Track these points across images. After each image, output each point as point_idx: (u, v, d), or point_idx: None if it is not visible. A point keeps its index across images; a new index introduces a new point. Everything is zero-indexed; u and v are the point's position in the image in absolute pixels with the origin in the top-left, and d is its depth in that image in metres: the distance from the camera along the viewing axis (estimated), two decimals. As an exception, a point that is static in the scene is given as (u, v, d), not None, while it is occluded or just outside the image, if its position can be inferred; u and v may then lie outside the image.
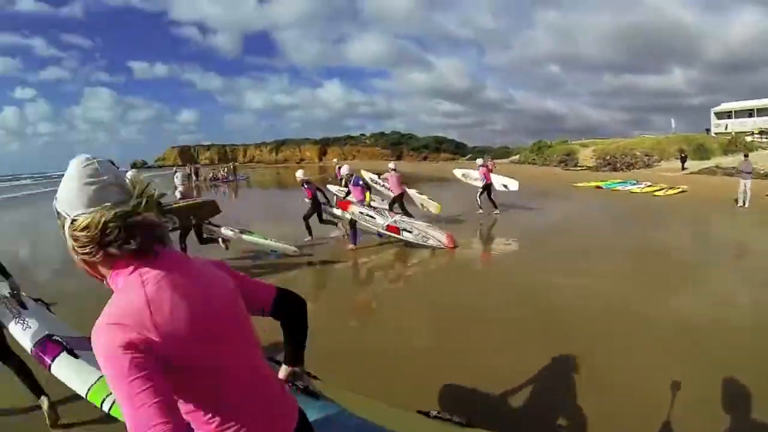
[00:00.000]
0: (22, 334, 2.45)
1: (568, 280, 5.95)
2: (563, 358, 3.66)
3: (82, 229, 0.91)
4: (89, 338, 0.86)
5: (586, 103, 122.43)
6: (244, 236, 8.18)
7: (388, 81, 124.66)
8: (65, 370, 2.09)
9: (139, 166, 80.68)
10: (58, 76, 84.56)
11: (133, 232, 0.92)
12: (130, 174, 4.25)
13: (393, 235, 8.71)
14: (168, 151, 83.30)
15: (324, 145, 73.55)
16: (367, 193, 8.95)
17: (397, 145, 67.69)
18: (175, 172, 36.23)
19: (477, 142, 71.38)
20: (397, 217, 9.03)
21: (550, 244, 8.77)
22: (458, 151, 64.37)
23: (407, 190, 11.17)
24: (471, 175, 13.84)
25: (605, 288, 5.57)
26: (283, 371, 1.43)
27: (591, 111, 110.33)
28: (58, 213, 0.96)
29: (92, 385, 1.82)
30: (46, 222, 11.12)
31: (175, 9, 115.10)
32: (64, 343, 2.28)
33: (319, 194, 9.29)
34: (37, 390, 2.81)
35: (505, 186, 13.53)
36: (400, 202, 10.21)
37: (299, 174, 9.57)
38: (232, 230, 8.24)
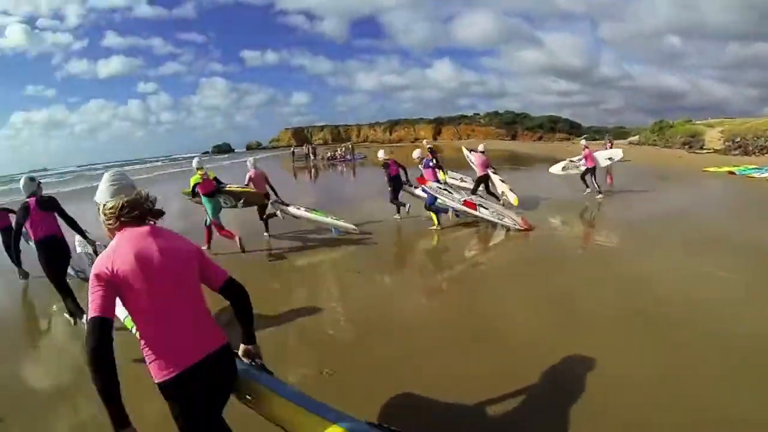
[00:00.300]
0: None
1: (689, 281, 5.18)
2: (680, 365, 3.32)
3: (109, 209, 1.76)
4: None
5: (710, 77, 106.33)
6: (311, 215, 9.10)
7: (497, 59, 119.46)
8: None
9: (254, 147, 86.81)
10: (176, 70, 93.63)
11: (136, 208, 1.76)
12: (195, 162, 7.84)
13: (469, 210, 8.86)
14: (282, 132, 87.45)
15: (438, 125, 72.75)
16: (440, 172, 9.54)
17: (512, 124, 65.30)
18: (293, 151, 38.16)
19: (591, 122, 68.02)
20: (473, 196, 9.37)
21: (671, 233, 7.62)
22: (573, 130, 60.75)
23: (492, 174, 10.87)
24: (570, 166, 13.29)
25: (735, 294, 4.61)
26: (241, 349, 2.07)
27: (715, 86, 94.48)
28: (96, 203, 1.85)
29: (127, 315, 2.07)
30: (170, 199, 12.43)
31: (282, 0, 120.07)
32: None
33: (401, 173, 9.72)
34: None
35: (610, 158, 13.01)
36: (484, 184, 10.57)
37: (380, 154, 10.15)
38: (299, 208, 9.18)
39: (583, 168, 11.96)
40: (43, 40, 74.77)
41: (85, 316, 2.30)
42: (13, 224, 5.24)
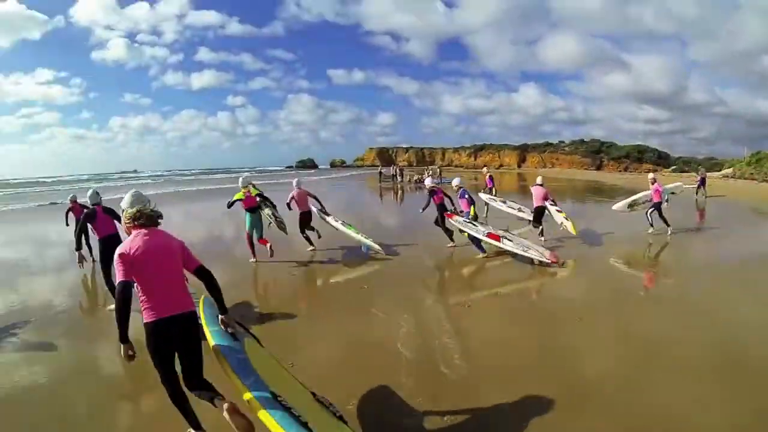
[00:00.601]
0: None
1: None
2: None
3: (129, 215, 3.01)
4: None
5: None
6: (345, 229, 10.26)
7: (582, 84, 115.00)
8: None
9: (338, 164, 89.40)
10: (265, 85, 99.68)
11: (143, 217, 2.99)
12: (240, 180, 9.14)
13: (493, 242, 9.09)
14: (367, 151, 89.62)
15: (523, 151, 71.60)
16: (472, 207, 9.71)
17: (597, 153, 62.89)
18: (380, 171, 39.94)
19: (680, 152, 63.06)
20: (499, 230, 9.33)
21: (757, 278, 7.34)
22: (660, 161, 57.32)
23: (549, 206, 11.09)
24: (639, 200, 13.00)
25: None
26: (219, 319, 3.30)
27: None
28: (122, 209, 3.23)
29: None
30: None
31: (368, 21, 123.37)
32: None
33: (447, 202, 9.89)
34: None
35: (673, 193, 12.83)
36: (537, 214, 10.83)
37: (428, 182, 10.77)
38: (336, 221, 10.51)
39: (651, 203, 11.57)
40: (142, 54, 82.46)
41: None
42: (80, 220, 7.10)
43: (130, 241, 2.99)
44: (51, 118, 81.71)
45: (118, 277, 2.91)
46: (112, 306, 4.61)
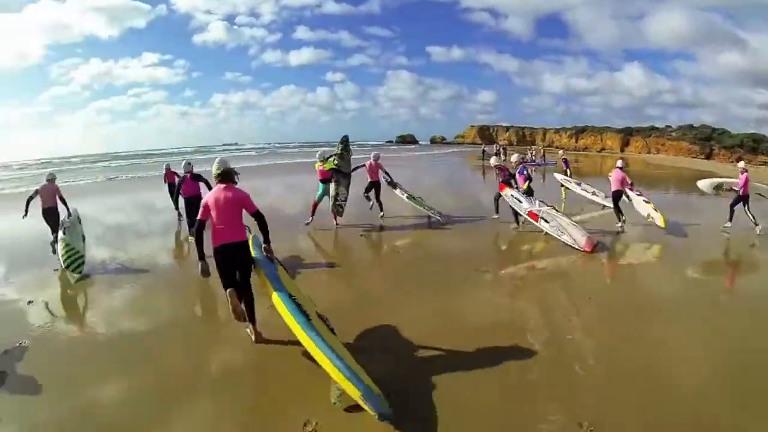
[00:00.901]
0: None
1: None
2: None
3: (214, 174, 4.89)
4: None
5: None
6: (409, 200, 12.15)
7: (692, 64, 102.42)
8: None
9: (438, 141, 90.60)
10: (363, 62, 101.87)
11: (221, 175, 4.87)
12: (317, 154, 11.45)
13: (531, 221, 9.76)
14: (468, 129, 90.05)
15: (626, 135, 68.12)
16: (527, 182, 10.25)
17: (707, 140, 57.49)
18: (484, 149, 41.21)
19: None
20: (544, 207, 9.74)
21: None
22: None
23: (634, 195, 11.42)
24: (725, 187, 12.32)
25: None
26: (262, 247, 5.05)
27: None
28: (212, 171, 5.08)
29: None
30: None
31: None
32: None
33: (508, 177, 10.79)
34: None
35: (761, 195, 11.71)
36: (615, 199, 10.87)
37: (493, 161, 12.21)
38: (402, 193, 12.32)
39: (736, 193, 10.67)
40: (241, 35, 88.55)
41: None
42: (176, 182, 10.67)
43: (212, 193, 4.80)
44: (157, 96, 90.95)
45: (199, 216, 4.76)
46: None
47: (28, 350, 5.30)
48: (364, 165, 11.86)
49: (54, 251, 9.06)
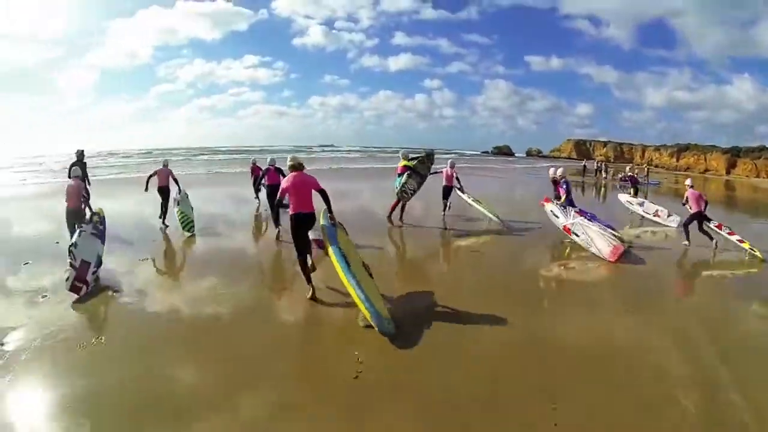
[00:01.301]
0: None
1: None
2: None
3: (288, 165, 6.77)
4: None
5: None
6: (476, 204, 13.53)
7: None
8: None
9: (534, 153, 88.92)
10: (461, 70, 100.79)
11: (294, 167, 6.64)
12: (400, 153, 13.04)
13: (566, 234, 10.41)
14: (564, 143, 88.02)
15: (733, 155, 61.46)
16: (563, 196, 10.86)
17: None
18: (584, 165, 39.23)
19: None
20: (577, 220, 10.22)
21: None
22: None
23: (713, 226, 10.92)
24: None
25: None
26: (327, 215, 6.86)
27: None
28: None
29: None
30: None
31: (566, 3, 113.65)
32: None
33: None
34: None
35: None
36: (698, 221, 10.78)
37: (551, 172, 11.82)
38: (469, 197, 13.72)
39: None
40: (340, 39, 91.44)
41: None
42: (260, 174, 12.31)
43: (288, 178, 6.62)
44: (256, 96, 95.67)
45: (279, 194, 6.67)
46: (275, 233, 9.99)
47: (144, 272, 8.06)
48: (441, 171, 13.14)
49: (163, 220, 11.88)
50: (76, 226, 7.96)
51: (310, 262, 6.94)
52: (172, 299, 6.93)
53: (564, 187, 11.03)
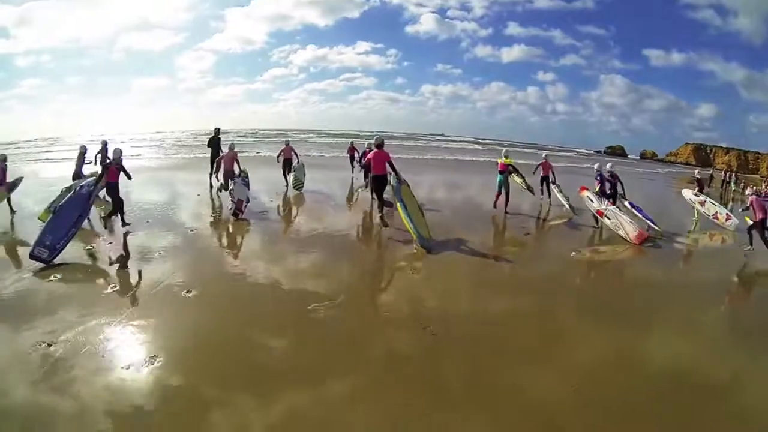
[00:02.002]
0: None
1: None
2: None
3: (375, 144, 11.15)
4: None
5: None
6: (558, 193, 14.89)
7: None
8: None
9: (648, 156, 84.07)
10: (575, 63, 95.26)
11: (378, 145, 10.92)
12: (503, 152, 15.04)
13: (599, 217, 12.04)
14: (682, 147, 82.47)
15: None
16: (597, 186, 12.59)
17: None
18: (711, 174, 34.12)
19: None
20: (610, 207, 11.83)
21: None
22: None
23: None
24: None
25: None
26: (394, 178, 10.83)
27: None
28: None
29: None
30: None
31: None
32: None
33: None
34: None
35: None
36: (755, 227, 10.73)
37: (596, 166, 13.51)
38: (559, 192, 14.90)
39: None
40: (452, 28, 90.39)
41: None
42: (355, 155, 19.25)
43: (372, 152, 10.80)
44: (368, 82, 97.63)
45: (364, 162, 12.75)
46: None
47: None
48: (540, 164, 15.54)
49: (287, 183, 16.67)
50: (231, 180, 13.07)
51: (379, 215, 10.68)
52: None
53: (598, 179, 12.74)
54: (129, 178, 9.97)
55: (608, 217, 11.66)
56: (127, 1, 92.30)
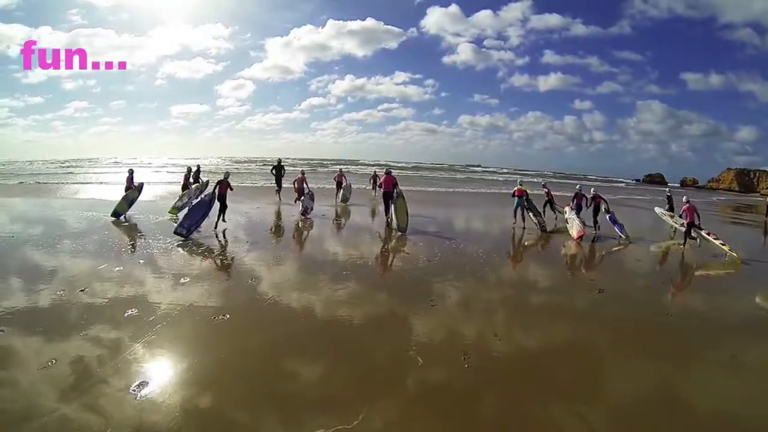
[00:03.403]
0: None
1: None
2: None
3: (385, 172, 16.35)
4: None
5: None
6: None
7: None
8: None
9: (689, 183, 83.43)
10: (612, 89, 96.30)
11: (387, 172, 16.01)
12: (518, 180, 18.60)
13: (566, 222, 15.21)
14: (724, 173, 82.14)
15: None
16: (574, 201, 15.64)
17: None
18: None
19: None
20: (572, 215, 15.03)
21: None
22: None
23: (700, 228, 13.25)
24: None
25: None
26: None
27: None
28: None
29: None
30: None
31: (725, 11, 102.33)
32: None
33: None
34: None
35: None
36: (687, 230, 13.53)
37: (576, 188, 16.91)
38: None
39: None
40: (489, 57, 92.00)
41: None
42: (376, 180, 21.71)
43: (383, 177, 15.32)
44: (406, 113, 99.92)
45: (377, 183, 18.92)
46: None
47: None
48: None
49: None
50: (302, 197, 17.38)
51: (393, 219, 14.13)
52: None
53: (573, 201, 15.87)
54: (231, 189, 13.89)
55: (567, 221, 15.34)
56: (171, 31, 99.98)
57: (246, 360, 5.21)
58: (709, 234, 13.16)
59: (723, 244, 12.47)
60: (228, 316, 6.36)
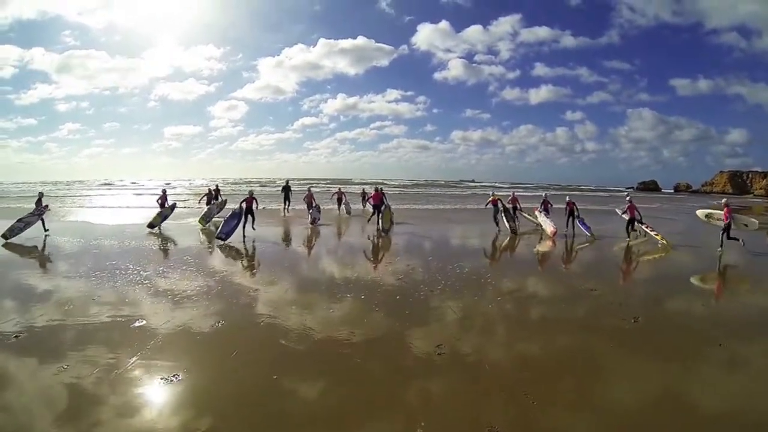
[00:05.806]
0: None
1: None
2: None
3: (374, 189, 20.85)
4: None
5: None
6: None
7: None
8: None
9: (683, 188, 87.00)
10: (603, 99, 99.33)
11: (376, 189, 20.56)
12: (491, 191, 22.64)
13: (538, 222, 18.98)
14: (717, 176, 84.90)
15: None
16: (541, 206, 19.24)
17: None
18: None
19: None
20: (543, 217, 18.52)
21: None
22: None
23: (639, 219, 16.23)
24: (714, 215, 16.37)
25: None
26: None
27: None
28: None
29: None
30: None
31: (711, 17, 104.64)
32: None
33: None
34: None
35: (746, 225, 15.23)
36: (630, 224, 16.40)
37: (543, 195, 20.50)
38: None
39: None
40: (480, 72, 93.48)
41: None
42: (365, 196, 23.91)
43: (373, 194, 19.64)
44: (398, 130, 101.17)
45: (367, 199, 21.21)
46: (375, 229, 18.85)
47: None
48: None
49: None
50: (310, 210, 21.22)
51: (380, 224, 18.26)
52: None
53: (543, 203, 19.55)
54: (257, 203, 17.35)
55: (540, 223, 18.65)
56: (163, 52, 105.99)
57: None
58: (647, 227, 16.37)
59: (656, 234, 15.78)
60: (288, 289, 9.28)
